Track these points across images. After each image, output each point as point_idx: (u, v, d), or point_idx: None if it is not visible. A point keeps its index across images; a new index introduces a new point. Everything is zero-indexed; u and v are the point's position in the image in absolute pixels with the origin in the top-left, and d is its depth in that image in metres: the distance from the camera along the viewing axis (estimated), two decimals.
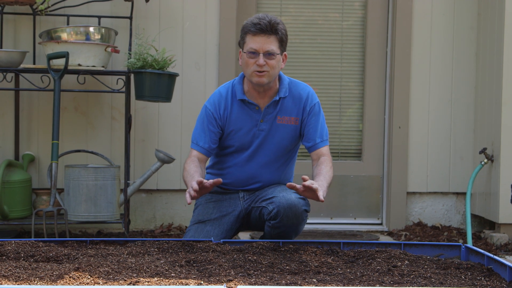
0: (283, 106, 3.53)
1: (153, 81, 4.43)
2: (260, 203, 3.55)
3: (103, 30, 4.62)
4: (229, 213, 3.61)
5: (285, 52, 3.48)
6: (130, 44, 4.75)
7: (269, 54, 3.39)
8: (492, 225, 5.02)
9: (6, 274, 2.60)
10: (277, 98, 3.50)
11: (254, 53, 3.39)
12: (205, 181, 3.23)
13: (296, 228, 3.48)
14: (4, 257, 2.91)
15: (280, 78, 3.56)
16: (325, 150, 3.55)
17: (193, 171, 3.44)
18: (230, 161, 3.64)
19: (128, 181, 4.54)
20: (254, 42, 3.39)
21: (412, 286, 2.60)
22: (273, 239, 3.48)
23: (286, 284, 2.59)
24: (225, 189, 3.68)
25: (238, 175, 3.64)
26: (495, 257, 2.91)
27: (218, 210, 3.61)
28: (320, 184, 3.29)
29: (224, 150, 3.64)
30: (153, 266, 2.77)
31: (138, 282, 2.54)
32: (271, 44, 3.39)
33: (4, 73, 4.47)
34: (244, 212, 3.64)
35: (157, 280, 2.57)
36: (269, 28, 3.37)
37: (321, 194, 3.19)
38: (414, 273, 2.78)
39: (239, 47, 3.51)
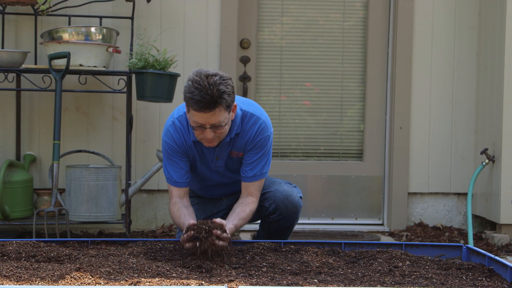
0: (235, 142, 3.35)
1: (154, 82, 4.43)
2: None
3: (104, 30, 4.62)
4: (215, 213, 3.61)
5: (235, 103, 3.18)
6: (131, 45, 4.75)
7: (217, 126, 3.12)
8: (494, 226, 5.02)
9: (8, 274, 2.61)
10: (228, 139, 3.30)
11: (200, 126, 3.12)
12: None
13: (296, 216, 3.52)
14: (6, 257, 2.91)
15: None
16: (253, 187, 3.36)
17: (184, 213, 3.27)
18: (199, 184, 3.57)
19: (129, 181, 4.54)
20: (198, 117, 3.08)
21: (413, 287, 2.60)
22: (273, 233, 3.51)
23: (287, 285, 2.59)
24: (203, 196, 3.68)
25: (211, 193, 3.63)
26: (496, 257, 2.91)
27: (203, 211, 3.61)
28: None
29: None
30: (154, 267, 2.77)
31: (139, 282, 2.54)
32: (217, 116, 3.07)
33: (6, 73, 4.48)
34: (229, 209, 3.63)
35: (159, 281, 2.57)
36: (212, 104, 3.03)
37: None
38: (415, 273, 2.78)
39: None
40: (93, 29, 4.59)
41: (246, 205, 3.35)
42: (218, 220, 3.07)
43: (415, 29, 5.17)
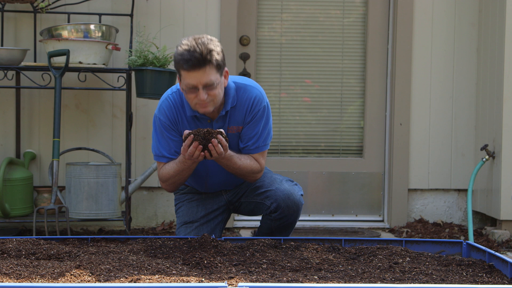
0: (231, 116, 3.36)
1: (154, 79, 4.43)
2: (253, 198, 3.54)
3: (103, 27, 4.62)
4: (215, 209, 3.60)
5: (225, 69, 3.22)
6: (131, 42, 4.75)
7: (208, 86, 3.14)
8: (494, 222, 5.02)
9: (8, 271, 2.61)
10: (224, 112, 3.32)
11: (193, 88, 3.14)
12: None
13: (297, 214, 3.53)
14: (6, 254, 2.91)
15: (225, 88, 3.32)
16: (257, 155, 3.40)
17: (173, 161, 3.33)
18: (194, 174, 3.49)
19: (129, 179, 4.54)
20: (190, 78, 3.12)
21: (414, 283, 2.60)
22: (275, 229, 3.51)
23: (288, 281, 2.59)
24: (203, 192, 3.66)
25: (207, 185, 3.58)
26: (497, 253, 2.91)
27: (203, 207, 3.59)
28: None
29: None
30: (154, 264, 2.76)
31: (139, 279, 2.54)
32: (209, 75, 3.11)
33: (5, 71, 4.47)
34: (229, 204, 3.63)
35: (158, 278, 2.57)
36: (202, 62, 3.08)
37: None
38: (415, 270, 2.78)
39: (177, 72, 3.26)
40: (92, 27, 4.59)
41: (249, 159, 3.37)
42: (219, 129, 3.15)
43: (415, 26, 5.16)
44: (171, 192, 3.58)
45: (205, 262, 2.84)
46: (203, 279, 2.57)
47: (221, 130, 3.16)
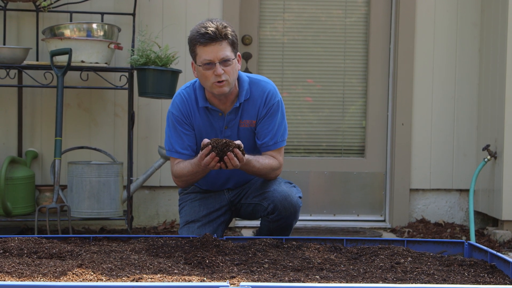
0: (244, 109, 3.43)
1: (156, 78, 4.43)
2: (252, 200, 3.55)
3: (106, 26, 4.62)
4: (217, 209, 3.61)
5: (238, 53, 3.35)
6: (133, 41, 4.75)
7: (225, 61, 3.26)
8: (496, 222, 5.02)
9: (10, 270, 2.61)
10: (238, 104, 3.39)
11: (210, 64, 3.25)
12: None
13: (295, 216, 3.53)
14: (8, 253, 2.92)
15: (239, 80, 3.42)
16: (275, 152, 3.46)
17: (189, 161, 3.38)
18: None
19: (131, 178, 4.54)
20: (206, 53, 3.25)
21: (415, 283, 2.60)
22: (273, 231, 3.52)
23: (289, 281, 2.59)
24: (206, 190, 3.68)
25: (212, 182, 3.60)
26: (499, 254, 2.91)
27: (205, 207, 3.61)
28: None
29: None
30: (156, 263, 2.77)
31: (141, 278, 2.54)
32: (225, 51, 3.25)
33: (8, 70, 4.48)
34: (231, 204, 3.65)
35: (160, 277, 2.57)
36: (218, 35, 3.24)
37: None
38: (417, 270, 2.78)
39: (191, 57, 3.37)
40: (94, 26, 4.59)
41: (267, 158, 3.43)
42: (237, 141, 3.20)
43: (417, 25, 5.16)
44: (182, 188, 3.64)
45: (207, 261, 2.84)
46: (205, 279, 2.57)
47: (239, 143, 3.21)
